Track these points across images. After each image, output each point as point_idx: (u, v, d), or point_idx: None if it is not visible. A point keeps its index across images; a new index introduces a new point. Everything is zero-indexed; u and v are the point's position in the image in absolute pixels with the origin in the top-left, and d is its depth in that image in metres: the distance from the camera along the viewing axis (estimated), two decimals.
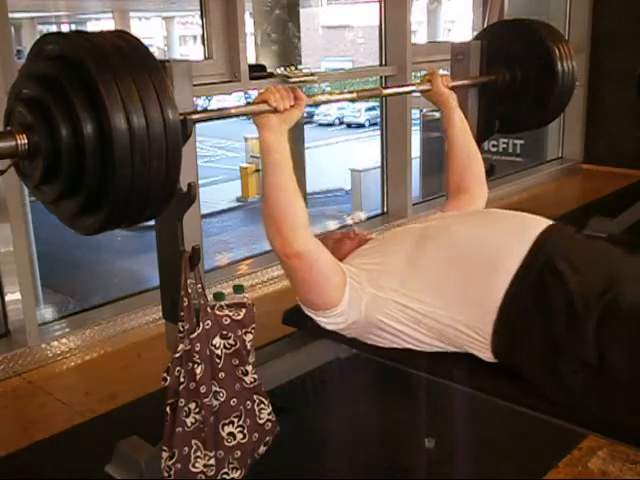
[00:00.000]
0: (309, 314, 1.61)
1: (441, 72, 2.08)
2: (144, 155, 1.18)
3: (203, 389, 1.44)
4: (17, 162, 1.26)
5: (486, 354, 1.50)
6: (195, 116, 1.45)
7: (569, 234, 1.58)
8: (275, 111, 1.51)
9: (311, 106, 1.65)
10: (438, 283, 1.53)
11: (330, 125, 17.36)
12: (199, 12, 2.94)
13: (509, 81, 2.46)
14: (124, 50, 1.20)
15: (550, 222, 1.58)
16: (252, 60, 3.52)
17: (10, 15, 2.35)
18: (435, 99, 2.06)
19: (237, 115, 1.58)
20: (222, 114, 1.58)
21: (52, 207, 1.32)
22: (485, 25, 3.93)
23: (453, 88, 2.08)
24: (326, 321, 1.59)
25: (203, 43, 2.97)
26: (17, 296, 2.40)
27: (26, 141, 1.21)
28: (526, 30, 2.51)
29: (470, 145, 2.03)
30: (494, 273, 1.47)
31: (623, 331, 1.33)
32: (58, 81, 1.18)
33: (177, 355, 1.44)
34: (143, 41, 1.25)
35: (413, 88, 1.97)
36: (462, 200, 1.93)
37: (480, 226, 1.65)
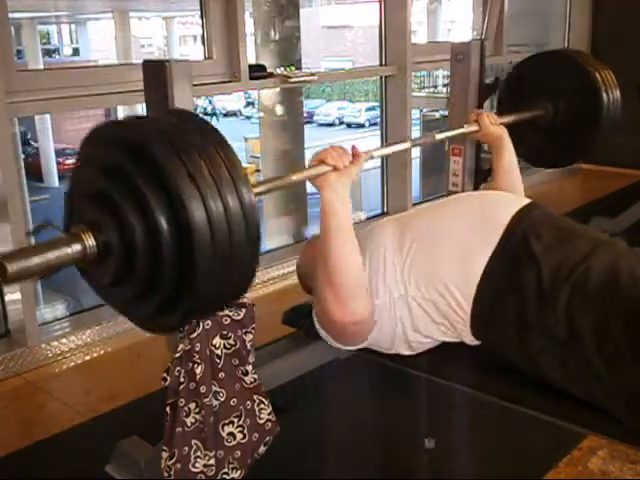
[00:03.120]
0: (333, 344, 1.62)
1: (486, 111, 2.03)
2: (224, 245, 1.05)
3: (203, 389, 1.44)
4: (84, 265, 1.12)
5: (468, 336, 1.52)
6: (259, 189, 1.36)
7: (543, 212, 1.59)
8: (334, 169, 1.47)
9: (369, 159, 1.60)
10: (421, 267, 1.53)
11: (330, 125, 17.36)
12: (199, 12, 2.94)
13: (552, 114, 2.41)
14: (187, 129, 1.10)
15: (525, 201, 1.61)
16: (252, 60, 3.52)
17: (10, 15, 2.35)
18: (485, 139, 2.04)
19: (299, 181, 1.48)
20: (284, 183, 1.47)
21: (123, 309, 1.21)
22: (485, 26, 3.93)
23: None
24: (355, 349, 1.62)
25: (203, 43, 2.97)
26: (17, 296, 2.41)
27: (94, 242, 1.08)
28: (566, 60, 2.47)
29: (517, 181, 1.99)
30: (472, 252, 1.49)
31: (591, 306, 1.34)
32: (124, 171, 1.06)
33: (177, 355, 1.44)
34: (143, 41, 1.21)
35: (462, 131, 1.95)
36: None
37: (457, 208, 1.67)
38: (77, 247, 1.07)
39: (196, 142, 1.07)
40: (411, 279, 1.53)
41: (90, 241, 1.08)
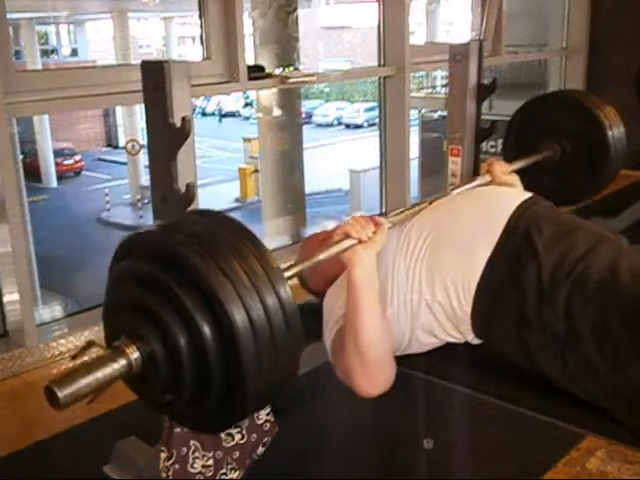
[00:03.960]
0: None
1: (497, 161, 1.99)
2: (267, 341, 1.04)
3: None
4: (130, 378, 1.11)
5: (470, 334, 1.52)
6: (289, 273, 1.34)
7: (545, 207, 1.59)
8: (359, 242, 1.46)
9: (390, 221, 1.57)
10: (423, 265, 1.53)
11: (329, 126, 17.37)
12: (198, 13, 2.94)
13: (560, 155, 2.44)
14: (215, 230, 1.10)
15: (527, 195, 1.61)
16: (251, 60, 3.52)
17: (8, 15, 2.35)
18: None
19: (324, 260, 1.44)
20: (312, 263, 1.44)
21: (176, 416, 1.21)
22: (483, 27, 3.94)
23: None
24: None
25: (202, 43, 2.97)
26: (15, 297, 2.40)
27: (138, 354, 1.07)
28: (567, 101, 2.51)
29: None
30: (474, 248, 1.49)
31: (591, 304, 1.34)
32: (159, 281, 1.06)
33: None
34: (141, 42, 1.20)
35: (476, 183, 1.95)
36: None
37: (458, 205, 1.67)
38: (122, 362, 1.07)
39: (226, 242, 1.07)
40: (415, 280, 1.53)
41: (135, 354, 1.08)
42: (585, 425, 1.42)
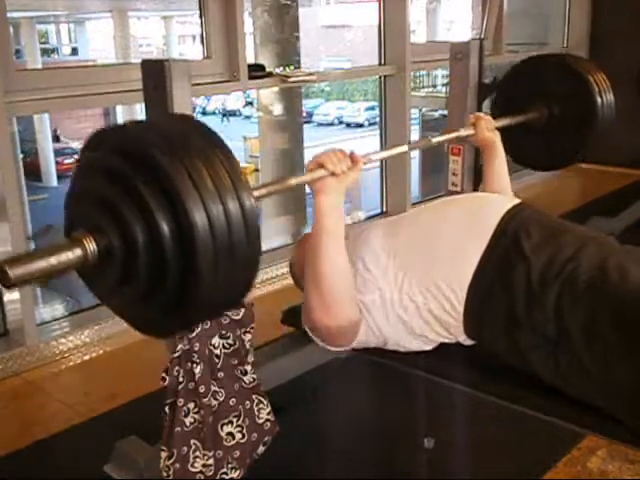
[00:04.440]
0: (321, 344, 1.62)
1: (484, 114, 2.03)
2: (225, 250, 1.05)
3: (202, 389, 1.44)
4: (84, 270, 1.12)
5: (462, 335, 1.53)
6: (259, 192, 1.36)
7: (534, 212, 1.60)
8: (332, 175, 1.47)
9: (366, 164, 1.58)
10: (414, 268, 1.54)
11: (329, 125, 17.37)
12: (198, 12, 2.93)
13: (547, 117, 2.43)
14: (187, 132, 1.11)
15: (516, 201, 1.62)
16: (251, 60, 3.52)
17: (9, 14, 2.35)
18: (478, 144, 2.05)
19: (296, 185, 1.47)
20: (283, 186, 1.47)
21: (123, 313, 1.22)
22: (484, 25, 3.93)
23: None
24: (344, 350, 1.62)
25: (202, 43, 2.97)
26: (16, 296, 2.40)
27: (95, 246, 1.07)
28: (561, 64, 2.48)
29: (506, 188, 2.01)
30: (463, 253, 1.49)
31: (580, 304, 1.34)
32: (125, 176, 1.06)
33: (176, 355, 1.43)
34: (141, 41, 1.21)
35: (458, 134, 1.97)
36: None
37: (448, 210, 1.68)
38: (78, 252, 1.07)
39: (197, 147, 1.08)
40: (404, 282, 1.53)
41: (91, 245, 1.07)
42: (586, 424, 1.42)
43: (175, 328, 1.18)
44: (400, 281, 1.53)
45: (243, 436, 1.51)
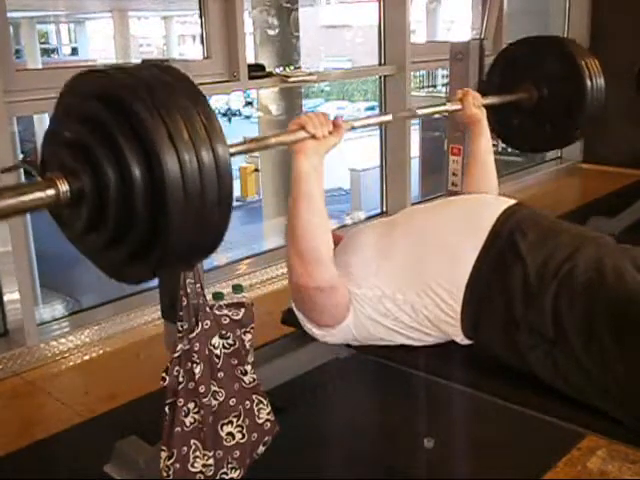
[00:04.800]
0: (303, 322, 1.62)
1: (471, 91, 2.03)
2: (196, 199, 1.07)
3: (202, 389, 1.44)
4: (56, 211, 1.16)
5: (459, 336, 1.53)
6: (236, 149, 1.37)
7: (530, 212, 1.60)
8: (313, 137, 1.47)
9: (348, 130, 1.58)
10: (408, 268, 1.54)
11: None
12: (198, 11, 2.93)
13: (536, 98, 2.42)
14: (167, 82, 1.11)
15: (512, 201, 1.61)
16: (251, 59, 3.52)
17: (9, 14, 2.35)
18: (465, 120, 2.05)
19: (275, 145, 1.49)
20: (261, 145, 1.49)
21: (94, 257, 1.22)
22: (484, 25, 3.93)
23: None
24: (318, 333, 1.61)
25: (202, 42, 2.97)
26: (16, 296, 2.40)
27: (67, 187, 1.09)
28: (552, 46, 2.47)
29: (490, 167, 1.99)
30: (459, 252, 1.50)
31: (577, 304, 1.35)
32: (101, 121, 1.08)
33: (176, 355, 1.44)
34: (141, 41, 1.20)
35: (444, 108, 1.96)
36: None
37: (443, 211, 1.69)
38: (51, 192, 1.08)
39: (175, 98, 1.10)
40: (400, 282, 1.53)
41: (64, 187, 1.09)
42: (586, 424, 1.42)
43: (145, 274, 1.19)
44: (396, 282, 1.53)
45: (243, 436, 1.52)
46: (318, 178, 1.48)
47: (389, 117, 1.86)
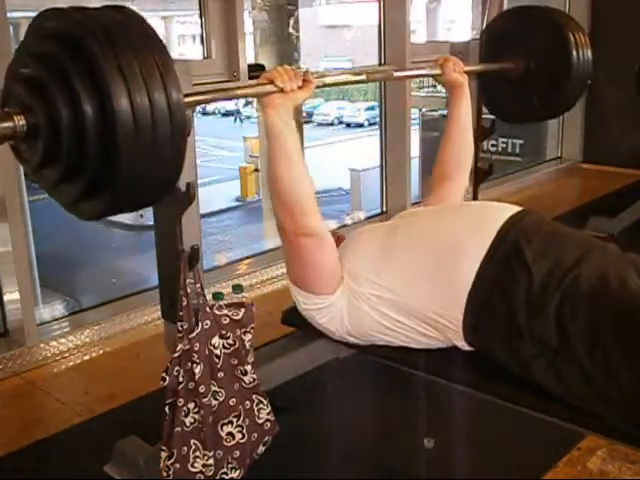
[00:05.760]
0: (297, 293, 1.62)
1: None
2: (148, 137, 1.12)
3: (202, 389, 1.44)
4: (15, 144, 1.22)
5: (461, 341, 1.53)
6: (197, 97, 1.38)
7: (536, 219, 1.59)
8: (281, 91, 1.48)
9: (319, 87, 1.59)
10: (410, 271, 1.54)
11: (329, 125, 17.37)
12: (198, 11, 2.93)
13: (522, 69, 2.41)
14: (126, 26, 1.15)
15: (518, 208, 1.61)
16: (251, 59, 3.52)
17: (9, 14, 2.35)
18: (446, 86, 2.06)
19: (241, 96, 1.50)
20: (225, 95, 1.50)
21: (52, 192, 1.27)
22: (484, 24, 3.93)
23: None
24: (311, 306, 1.61)
25: (202, 42, 2.97)
26: (16, 296, 2.40)
27: (24, 122, 1.15)
28: (540, 16, 2.46)
29: (467, 133, 2.03)
30: (462, 257, 1.49)
31: (581, 313, 1.34)
32: (57, 60, 1.12)
33: (176, 355, 1.44)
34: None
35: (424, 72, 1.97)
36: (444, 190, 1.95)
37: (447, 214, 1.69)
38: (8, 124, 1.14)
39: (133, 41, 1.13)
40: (401, 285, 1.53)
41: (20, 121, 1.15)
42: (586, 424, 1.41)
43: (100, 210, 1.23)
44: (397, 284, 1.53)
45: (243, 436, 1.52)
46: (291, 132, 1.49)
47: (363, 77, 1.87)
